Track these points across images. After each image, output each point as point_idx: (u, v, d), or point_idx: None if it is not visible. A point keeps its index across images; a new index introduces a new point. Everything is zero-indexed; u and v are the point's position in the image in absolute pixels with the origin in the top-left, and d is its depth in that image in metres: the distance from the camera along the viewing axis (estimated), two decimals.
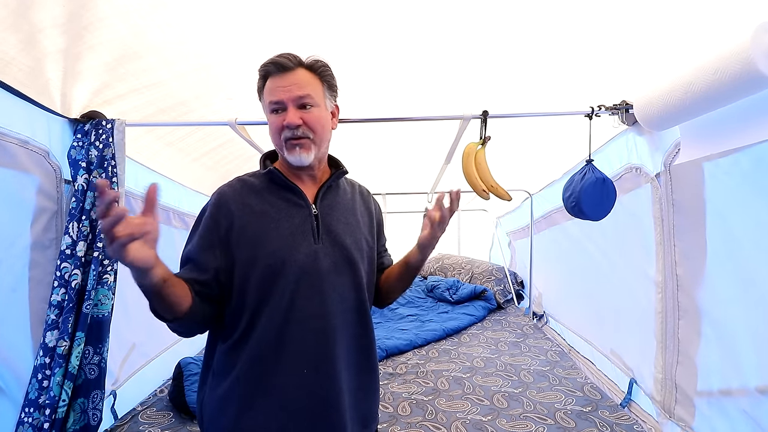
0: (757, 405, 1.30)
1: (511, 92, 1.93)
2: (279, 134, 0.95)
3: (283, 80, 0.93)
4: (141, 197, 2.11)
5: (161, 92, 1.74)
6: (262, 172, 1.02)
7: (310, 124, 0.95)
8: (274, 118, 0.95)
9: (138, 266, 0.71)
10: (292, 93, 0.93)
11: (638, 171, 1.83)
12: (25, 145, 1.42)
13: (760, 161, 1.22)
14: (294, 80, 0.94)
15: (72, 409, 1.48)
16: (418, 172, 3.43)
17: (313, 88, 0.95)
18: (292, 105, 0.93)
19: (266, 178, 1.01)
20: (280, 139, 0.95)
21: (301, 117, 0.93)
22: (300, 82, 0.94)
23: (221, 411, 0.92)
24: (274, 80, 0.95)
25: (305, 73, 0.96)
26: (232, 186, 1.00)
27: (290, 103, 0.93)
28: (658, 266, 1.73)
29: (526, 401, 2.09)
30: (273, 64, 0.94)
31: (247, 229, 0.93)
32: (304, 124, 0.94)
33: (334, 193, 1.05)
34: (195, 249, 0.94)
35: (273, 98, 0.94)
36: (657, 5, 1.26)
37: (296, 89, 0.93)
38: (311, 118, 0.95)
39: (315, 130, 0.96)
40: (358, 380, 1.00)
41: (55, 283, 1.48)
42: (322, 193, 1.02)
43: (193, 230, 0.98)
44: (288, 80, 0.93)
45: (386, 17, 1.45)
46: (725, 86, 1.09)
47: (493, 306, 4.03)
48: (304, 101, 0.94)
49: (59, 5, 1.21)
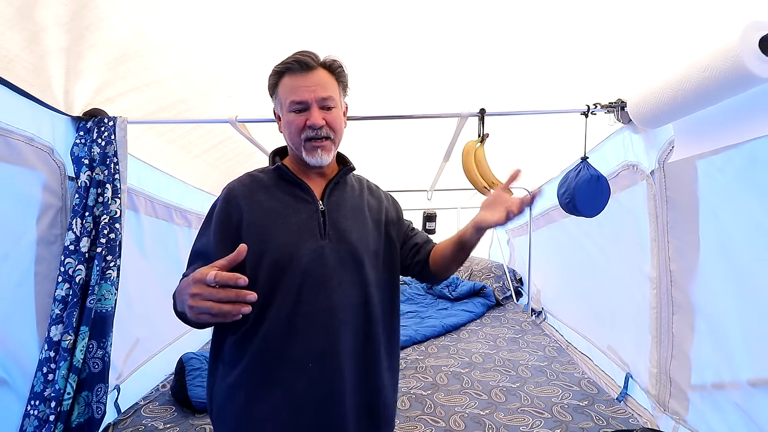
0: (749, 398, 1.32)
1: (509, 90, 1.95)
2: (299, 133, 0.95)
3: (306, 80, 0.94)
4: (143, 194, 2.15)
5: (162, 90, 1.76)
6: (271, 168, 1.03)
7: (332, 125, 0.96)
8: (295, 117, 0.95)
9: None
10: (317, 94, 0.93)
11: (634, 168, 1.85)
12: (30, 142, 1.44)
13: (752, 158, 1.24)
14: (317, 80, 0.94)
15: (76, 402, 1.51)
16: (417, 169, 3.44)
17: (333, 89, 0.97)
18: (317, 105, 0.94)
19: (275, 174, 1.02)
20: (300, 138, 0.96)
21: (323, 117, 0.94)
22: (323, 83, 0.95)
23: (230, 400, 0.94)
24: (295, 79, 0.95)
25: (325, 74, 0.96)
26: (242, 181, 1.01)
27: (315, 103, 0.94)
28: (652, 262, 1.75)
29: (523, 395, 2.12)
30: (296, 62, 0.94)
31: (255, 223, 0.95)
32: (327, 125, 0.95)
33: (341, 190, 1.06)
34: (209, 244, 0.96)
35: (296, 98, 0.94)
36: (651, 4, 1.28)
37: (321, 90, 0.94)
38: (333, 119, 0.96)
39: (336, 131, 0.98)
40: (364, 374, 1.00)
41: (60, 278, 1.51)
42: (329, 189, 1.03)
43: (204, 226, 1.00)
44: (311, 80, 0.94)
45: (385, 16, 1.47)
46: (715, 84, 1.11)
47: (492, 303, 4.05)
48: (327, 103, 0.95)
49: (62, 4, 1.23)
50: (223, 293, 0.70)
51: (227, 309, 0.70)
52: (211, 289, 0.70)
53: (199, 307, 0.71)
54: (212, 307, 0.70)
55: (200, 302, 0.71)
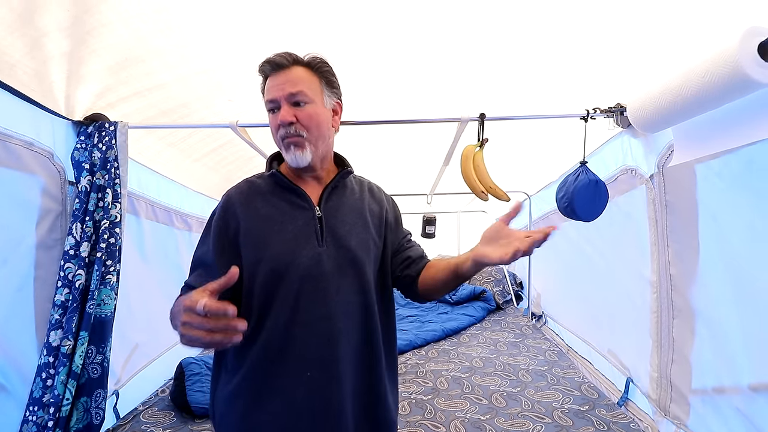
0: (750, 402, 1.32)
1: (509, 95, 1.95)
2: (276, 133, 0.95)
3: (277, 78, 0.93)
4: (144, 198, 2.15)
5: (163, 95, 1.77)
6: (267, 174, 1.02)
7: (304, 122, 0.93)
8: (271, 118, 0.95)
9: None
10: (285, 90, 0.92)
11: (633, 172, 1.86)
12: (29, 146, 1.44)
13: (750, 163, 1.24)
14: (287, 78, 0.93)
15: (75, 407, 1.50)
16: (417, 173, 3.45)
17: (308, 84, 0.94)
18: (285, 102, 0.92)
19: (271, 181, 1.01)
20: (278, 138, 0.95)
21: (294, 114, 0.92)
22: (293, 79, 0.93)
23: (230, 407, 0.94)
24: (270, 80, 0.95)
25: (301, 70, 0.95)
26: (239, 188, 1.01)
27: (283, 100, 0.92)
28: (652, 266, 1.75)
29: (524, 400, 2.11)
30: (268, 63, 0.94)
31: (252, 231, 0.94)
32: (298, 122, 0.93)
33: (339, 194, 1.04)
34: (209, 253, 0.95)
35: (268, 97, 0.94)
36: (650, 10, 1.28)
37: (289, 86, 0.92)
38: (304, 115, 0.93)
39: (309, 128, 0.94)
40: (365, 383, 0.99)
41: (59, 283, 1.50)
42: (326, 194, 1.01)
43: (204, 234, 0.99)
44: (281, 78, 0.93)
45: (385, 22, 1.48)
46: (714, 89, 1.12)
47: (493, 307, 4.05)
48: (297, 98, 0.92)
49: (64, 10, 1.24)
50: (213, 322, 0.69)
51: (218, 339, 0.69)
52: (202, 319, 0.69)
53: (190, 335, 0.70)
54: (203, 336, 0.70)
55: (191, 331, 0.70)
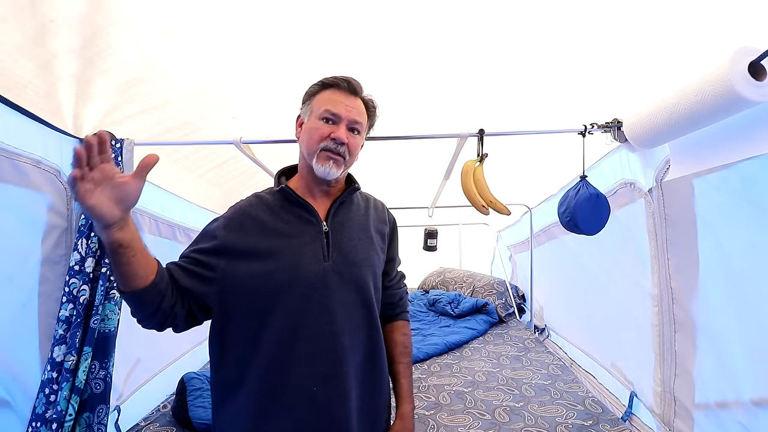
0: (753, 417, 1.31)
1: (508, 111, 1.98)
2: (319, 141, 0.99)
3: (348, 100, 1.02)
4: (147, 213, 2.17)
5: (168, 113, 1.81)
6: (276, 189, 1.05)
7: (351, 148, 1.02)
8: (322, 125, 1.00)
9: (97, 216, 0.76)
10: (352, 115, 1.01)
11: (632, 186, 1.87)
12: (37, 164, 1.47)
13: (747, 177, 1.26)
14: (357, 105, 1.04)
15: (78, 423, 1.50)
16: (419, 187, 3.48)
17: (365, 118, 1.06)
18: (346, 124, 1.00)
19: (280, 196, 1.04)
20: (317, 146, 0.99)
21: (348, 137, 1.00)
22: (360, 109, 1.04)
23: (234, 425, 0.94)
24: (337, 94, 1.01)
25: (362, 105, 1.05)
26: (249, 201, 1.04)
27: (347, 121, 1.00)
28: (653, 280, 1.76)
29: (527, 415, 2.09)
30: (346, 82, 1.02)
31: (258, 245, 0.96)
32: (347, 146, 1.01)
33: (346, 209, 1.07)
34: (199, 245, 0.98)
35: (333, 109, 1.00)
36: (645, 27, 1.32)
37: (356, 114, 1.02)
38: (354, 143, 1.02)
39: (352, 154, 1.03)
40: (369, 399, 1.00)
41: (64, 298, 1.52)
42: (334, 209, 1.04)
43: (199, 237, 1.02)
44: (352, 102, 1.02)
45: (386, 41, 1.51)
46: (707, 107, 1.14)
47: (495, 320, 4.03)
48: (356, 126, 1.02)
49: (74, 33, 1.28)
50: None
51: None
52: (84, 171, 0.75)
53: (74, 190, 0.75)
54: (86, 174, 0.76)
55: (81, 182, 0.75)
